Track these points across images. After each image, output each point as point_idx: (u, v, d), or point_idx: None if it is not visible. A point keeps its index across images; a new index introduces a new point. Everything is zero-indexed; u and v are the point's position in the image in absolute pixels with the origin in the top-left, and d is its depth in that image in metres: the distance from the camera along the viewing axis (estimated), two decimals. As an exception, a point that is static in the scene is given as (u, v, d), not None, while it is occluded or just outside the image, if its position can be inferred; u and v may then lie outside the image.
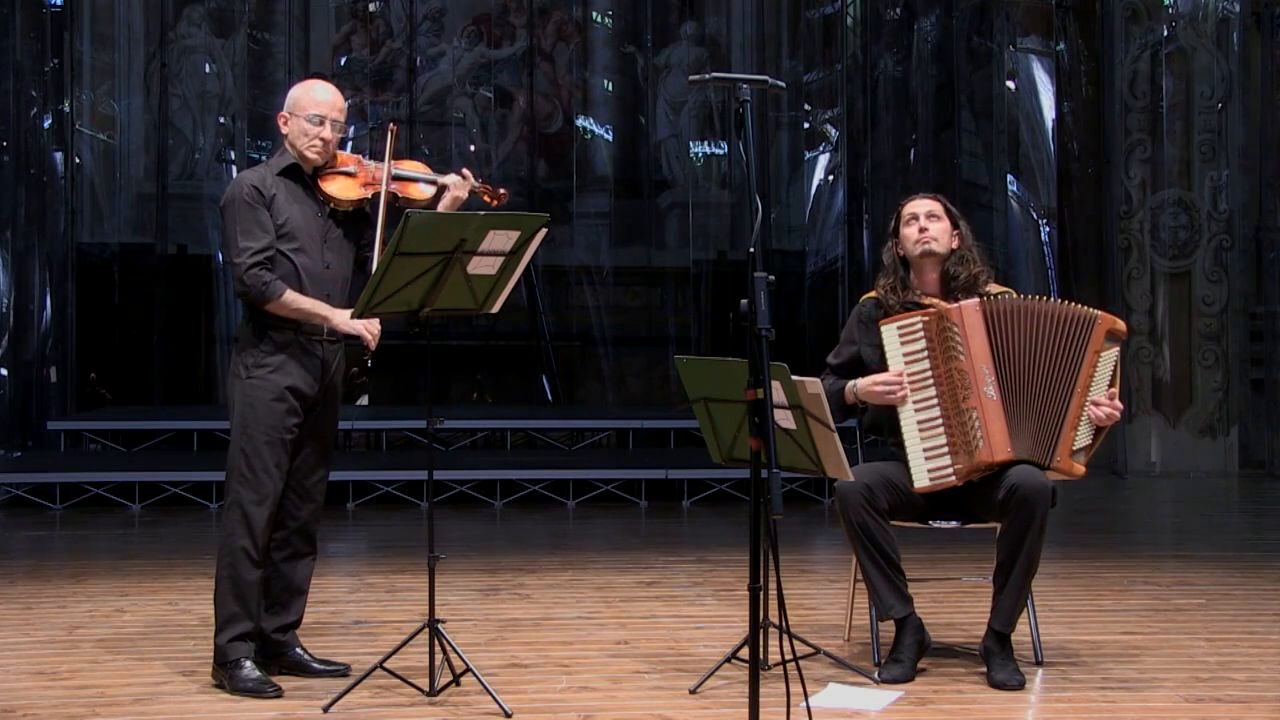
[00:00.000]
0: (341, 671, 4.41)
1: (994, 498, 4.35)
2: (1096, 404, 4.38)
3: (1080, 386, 4.37)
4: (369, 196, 4.41)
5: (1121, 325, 4.48)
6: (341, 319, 4.27)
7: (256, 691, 4.19)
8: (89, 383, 11.34)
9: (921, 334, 4.44)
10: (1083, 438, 4.39)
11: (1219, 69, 10.39)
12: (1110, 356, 4.41)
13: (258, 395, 4.27)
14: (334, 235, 4.39)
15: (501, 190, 4.55)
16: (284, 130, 4.38)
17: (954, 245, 4.58)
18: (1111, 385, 4.41)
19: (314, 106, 4.35)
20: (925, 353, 4.43)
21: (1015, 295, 4.52)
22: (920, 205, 4.61)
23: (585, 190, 13.17)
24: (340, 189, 4.38)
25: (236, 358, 4.34)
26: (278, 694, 4.19)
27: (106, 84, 12.31)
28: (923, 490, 4.40)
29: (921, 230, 4.55)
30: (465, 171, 4.49)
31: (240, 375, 4.31)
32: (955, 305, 4.43)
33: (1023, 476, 4.31)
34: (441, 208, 4.39)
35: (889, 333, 4.48)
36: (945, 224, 4.58)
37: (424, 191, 4.45)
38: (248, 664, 4.25)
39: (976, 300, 4.44)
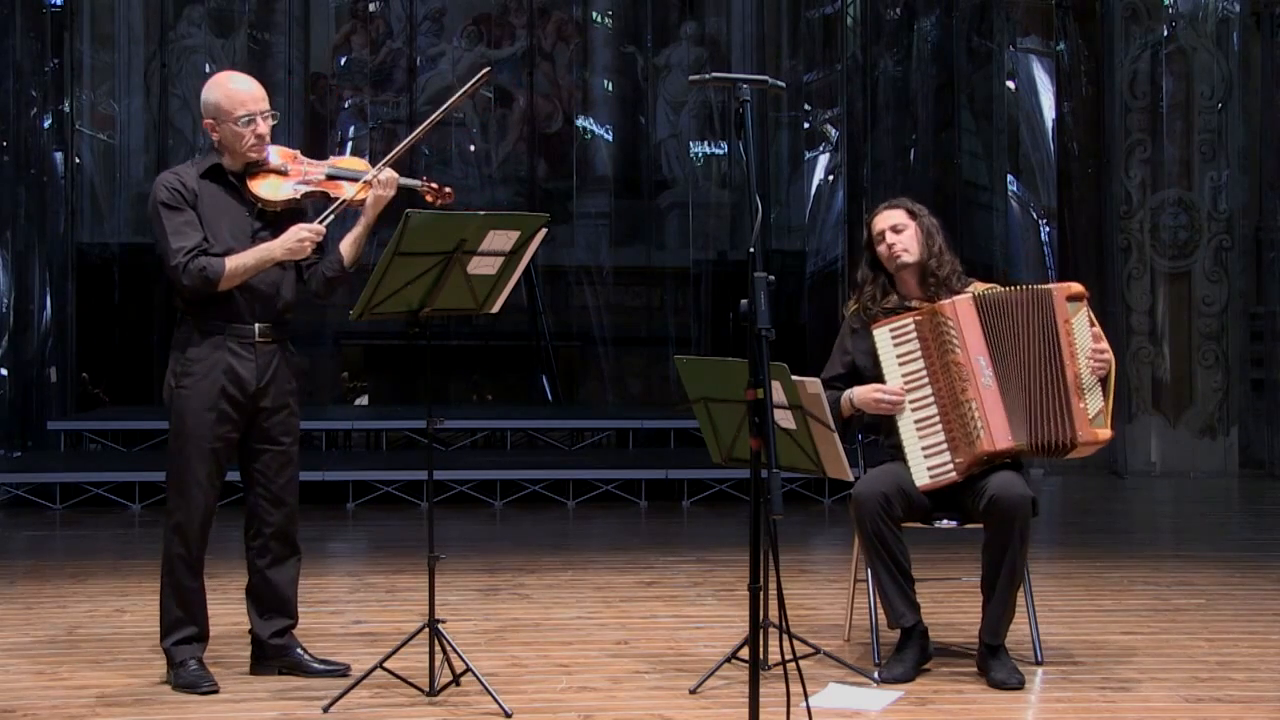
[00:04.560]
0: (341, 671, 4.41)
1: (975, 505, 4.35)
2: (1089, 356, 4.38)
3: (1067, 357, 4.38)
4: (298, 196, 4.30)
5: (1077, 287, 4.50)
6: (279, 244, 4.20)
7: (192, 686, 4.23)
8: (83, 383, 11.32)
9: (914, 334, 4.45)
10: (1094, 403, 4.38)
11: (1219, 69, 10.39)
12: (1080, 318, 4.44)
13: (186, 406, 4.23)
14: (264, 236, 4.28)
15: (447, 189, 4.39)
16: (214, 137, 4.27)
17: (929, 245, 4.58)
18: (1095, 340, 4.42)
19: (240, 109, 4.23)
20: (919, 352, 4.45)
21: (999, 288, 4.54)
22: (884, 219, 4.64)
23: (585, 190, 13.17)
24: (269, 189, 4.27)
25: (169, 366, 4.29)
26: (213, 689, 4.23)
27: (106, 84, 12.30)
28: (924, 488, 4.40)
29: (890, 246, 4.58)
30: (391, 172, 4.31)
31: (170, 384, 4.27)
32: (949, 301, 4.44)
33: (1001, 487, 4.30)
34: (367, 205, 4.28)
35: (881, 336, 4.48)
36: (912, 229, 4.59)
37: (346, 190, 4.31)
38: (193, 663, 4.30)
39: (969, 295, 4.46)
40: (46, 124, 10.85)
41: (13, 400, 10.14)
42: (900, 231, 4.59)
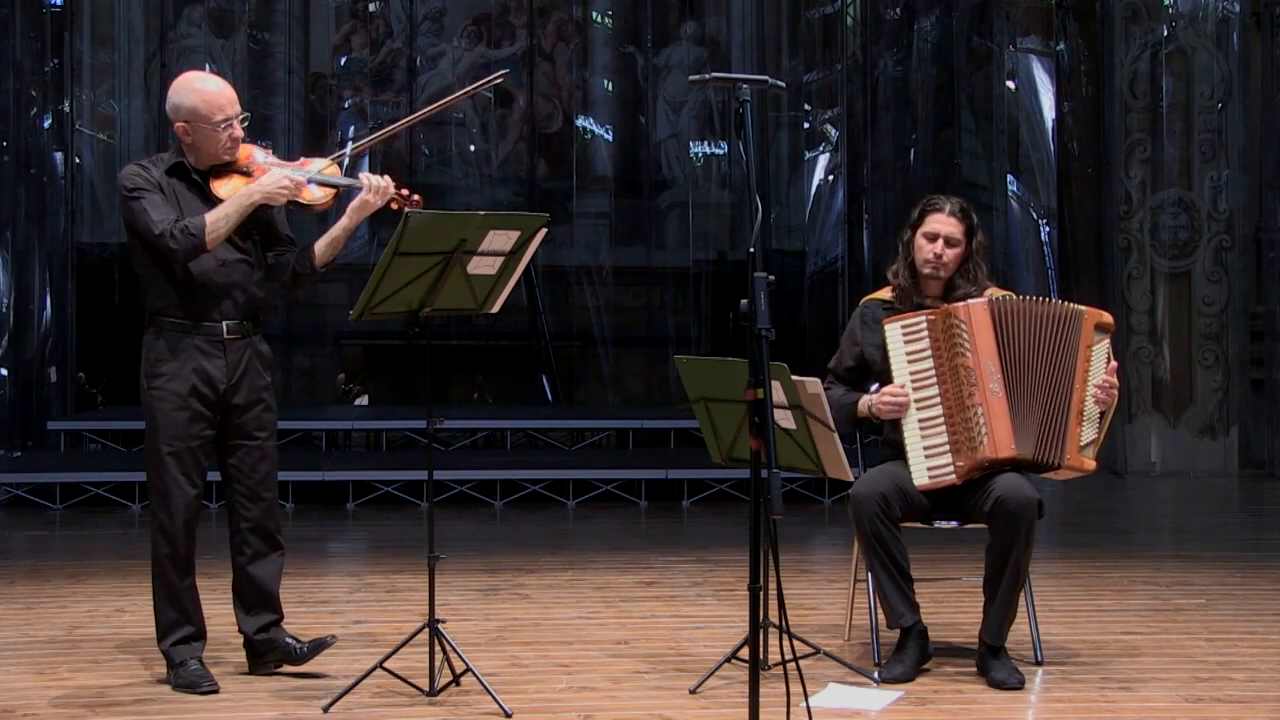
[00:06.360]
0: (327, 643, 4.43)
1: (980, 506, 4.35)
2: (1097, 387, 4.38)
3: (1079, 382, 4.39)
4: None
5: (1108, 317, 4.49)
6: (258, 185, 4.17)
7: (193, 685, 4.23)
8: (78, 382, 11.32)
9: (925, 333, 4.44)
10: (1088, 433, 4.40)
11: (1219, 69, 10.39)
12: (1101, 349, 4.44)
13: (158, 407, 4.22)
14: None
15: (415, 196, 4.33)
16: (186, 140, 4.25)
17: (964, 267, 4.54)
18: (1106, 373, 4.42)
19: (216, 113, 4.20)
20: (929, 352, 4.43)
21: (1015, 296, 4.53)
22: (943, 225, 4.51)
23: (585, 190, 13.18)
24: (231, 191, 4.26)
25: (141, 368, 4.28)
26: (213, 689, 4.23)
27: (106, 84, 12.32)
28: (923, 488, 4.40)
29: (936, 255, 4.51)
30: (386, 178, 4.29)
31: (143, 385, 4.27)
32: (963, 304, 4.43)
33: (1008, 489, 4.29)
34: (350, 209, 4.27)
35: (892, 331, 4.48)
36: (960, 249, 4.52)
37: (314, 195, 4.28)
38: (193, 662, 4.29)
39: (984, 300, 4.45)
40: (46, 124, 10.84)
41: (13, 400, 10.14)
42: (952, 246, 4.50)
